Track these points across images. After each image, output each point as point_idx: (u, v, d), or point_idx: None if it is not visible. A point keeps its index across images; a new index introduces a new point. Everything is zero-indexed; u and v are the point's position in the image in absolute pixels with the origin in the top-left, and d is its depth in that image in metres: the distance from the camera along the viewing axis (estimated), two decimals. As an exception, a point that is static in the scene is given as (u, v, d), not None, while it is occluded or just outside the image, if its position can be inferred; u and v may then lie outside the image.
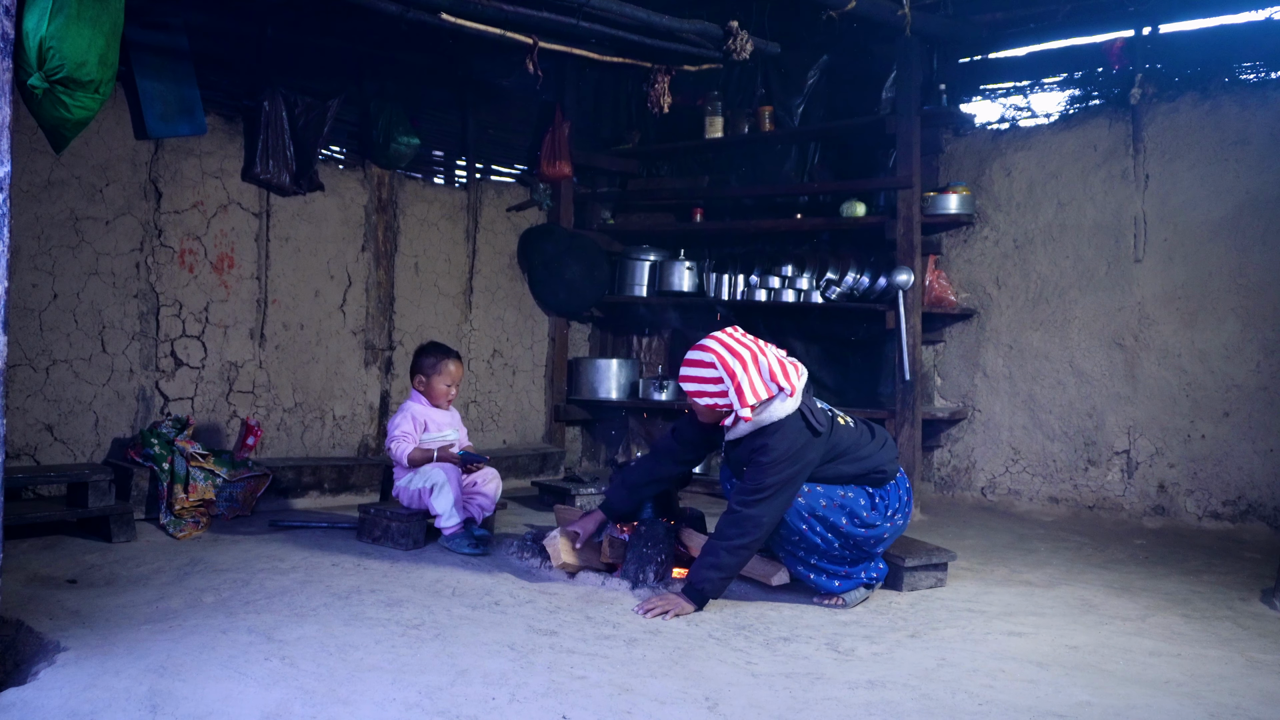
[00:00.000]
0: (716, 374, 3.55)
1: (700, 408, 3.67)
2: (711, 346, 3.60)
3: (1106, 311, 5.64)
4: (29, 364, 4.67)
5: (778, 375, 3.58)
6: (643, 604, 3.50)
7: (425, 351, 4.73)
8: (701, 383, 3.59)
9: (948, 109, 5.92)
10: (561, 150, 6.52)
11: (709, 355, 3.57)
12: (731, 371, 3.53)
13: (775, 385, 3.56)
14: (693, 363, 3.61)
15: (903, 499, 3.77)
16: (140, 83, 4.85)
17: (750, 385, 3.53)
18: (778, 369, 3.59)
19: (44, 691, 2.54)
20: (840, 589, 3.70)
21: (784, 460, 3.51)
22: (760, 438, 3.56)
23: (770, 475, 3.50)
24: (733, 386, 3.52)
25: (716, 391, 3.57)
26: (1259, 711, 2.68)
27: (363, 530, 4.53)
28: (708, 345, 3.61)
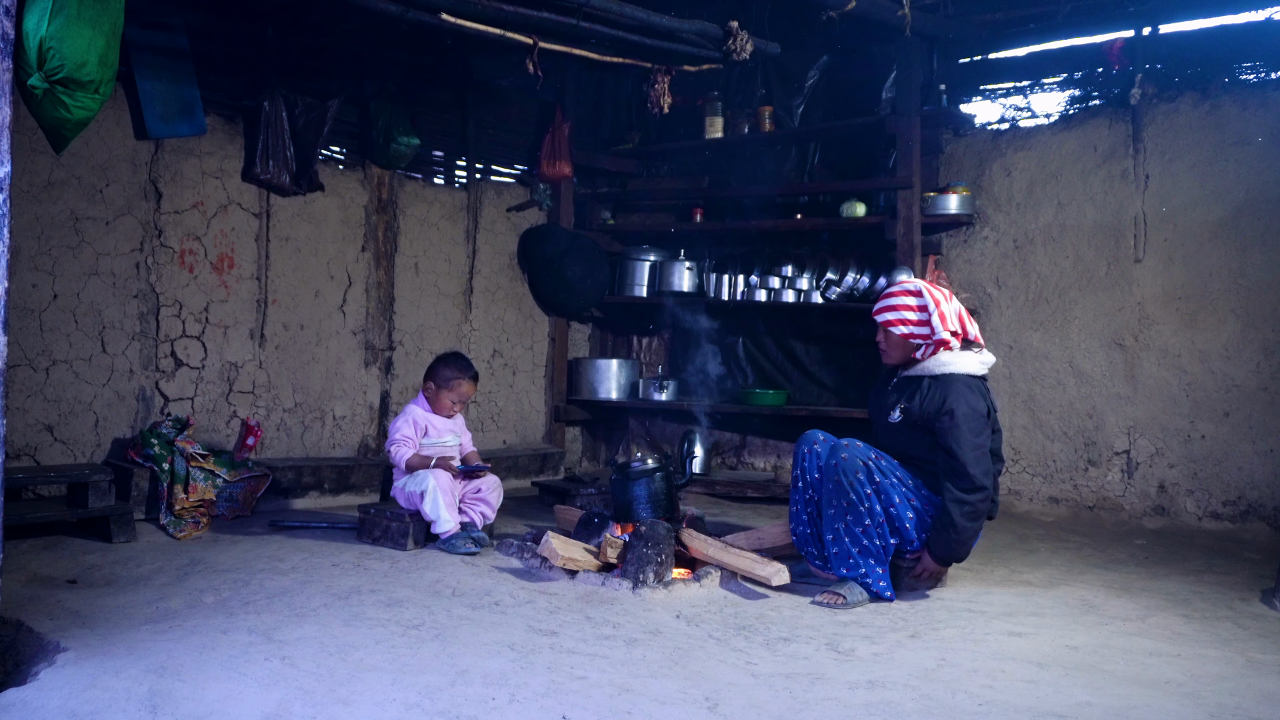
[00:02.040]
0: (920, 301, 3.79)
1: (896, 337, 3.84)
2: (912, 281, 3.92)
3: (1106, 311, 5.64)
4: (29, 364, 4.67)
5: (965, 321, 3.81)
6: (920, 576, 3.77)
7: (446, 363, 4.69)
8: (901, 310, 3.82)
9: (948, 109, 5.92)
10: (561, 150, 6.52)
11: (911, 285, 3.86)
12: (935, 299, 3.77)
13: (964, 328, 3.79)
14: (893, 293, 3.87)
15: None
16: (140, 83, 4.85)
17: (949, 315, 3.78)
18: (968, 320, 3.83)
19: (44, 691, 2.54)
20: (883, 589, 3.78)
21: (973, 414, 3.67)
22: (941, 391, 3.72)
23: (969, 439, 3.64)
24: (937, 313, 3.73)
25: (917, 320, 3.78)
26: (1259, 711, 2.68)
27: (363, 530, 4.53)
28: (908, 280, 3.94)
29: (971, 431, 3.65)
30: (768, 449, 6.75)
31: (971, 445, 3.65)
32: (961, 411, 3.66)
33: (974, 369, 3.80)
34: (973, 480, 3.63)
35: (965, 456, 3.62)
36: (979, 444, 3.67)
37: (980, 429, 3.69)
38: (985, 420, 3.72)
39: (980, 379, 3.82)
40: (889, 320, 3.84)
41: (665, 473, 4.22)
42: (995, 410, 3.84)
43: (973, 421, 3.67)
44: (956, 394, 3.69)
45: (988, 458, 3.70)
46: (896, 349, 3.88)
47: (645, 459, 4.37)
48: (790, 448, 6.66)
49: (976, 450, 3.66)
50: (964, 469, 3.62)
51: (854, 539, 3.73)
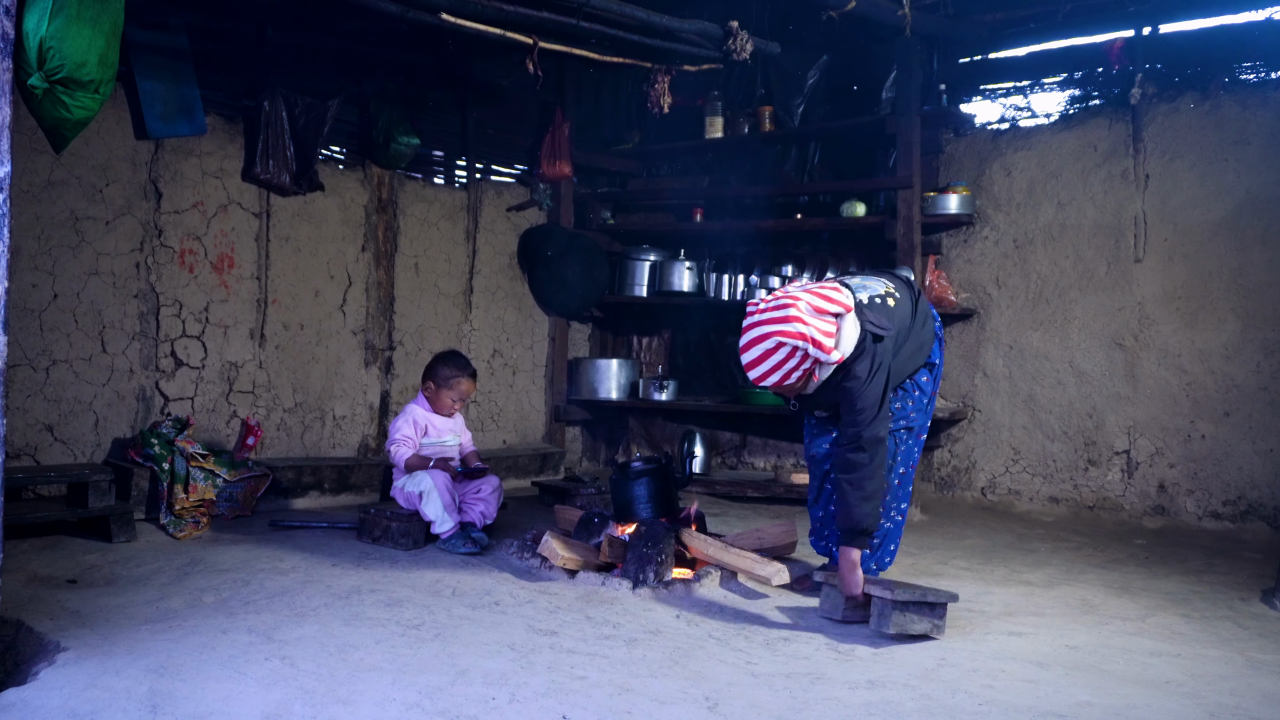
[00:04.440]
0: (788, 348, 3.40)
1: (792, 389, 3.56)
2: (764, 332, 3.43)
3: (1106, 311, 5.64)
4: (29, 364, 4.67)
5: (825, 307, 3.48)
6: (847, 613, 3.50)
7: (444, 361, 4.71)
8: (778, 369, 3.44)
9: (948, 109, 5.92)
10: (561, 150, 6.52)
11: (769, 342, 3.41)
12: (800, 335, 3.37)
13: (832, 317, 3.47)
14: (758, 360, 3.45)
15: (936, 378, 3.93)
16: (140, 83, 4.85)
17: (821, 332, 3.41)
18: (820, 301, 3.48)
19: (44, 691, 2.54)
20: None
21: (867, 377, 3.50)
22: (842, 372, 3.53)
23: (861, 400, 3.49)
24: (810, 345, 3.39)
25: (797, 365, 3.44)
26: (1259, 711, 2.68)
27: (363, 530, 4.53)
28: (760, 334, 3.45)
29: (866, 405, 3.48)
30: (768, 449, 6.75)
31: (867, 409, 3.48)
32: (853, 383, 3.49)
33: (854, 337, 3.50)
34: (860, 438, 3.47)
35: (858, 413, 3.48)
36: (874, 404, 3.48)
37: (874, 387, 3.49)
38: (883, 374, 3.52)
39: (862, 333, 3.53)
40: (774, 384, 3.49)
41: (665, 473, 4.22)
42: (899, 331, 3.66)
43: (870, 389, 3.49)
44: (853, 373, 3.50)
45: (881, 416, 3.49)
46: (799, 390, 3.59)
47: (645, 459, 4.37)
48: (790, 447, 6.66)
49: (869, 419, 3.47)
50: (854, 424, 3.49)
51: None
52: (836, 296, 3.51)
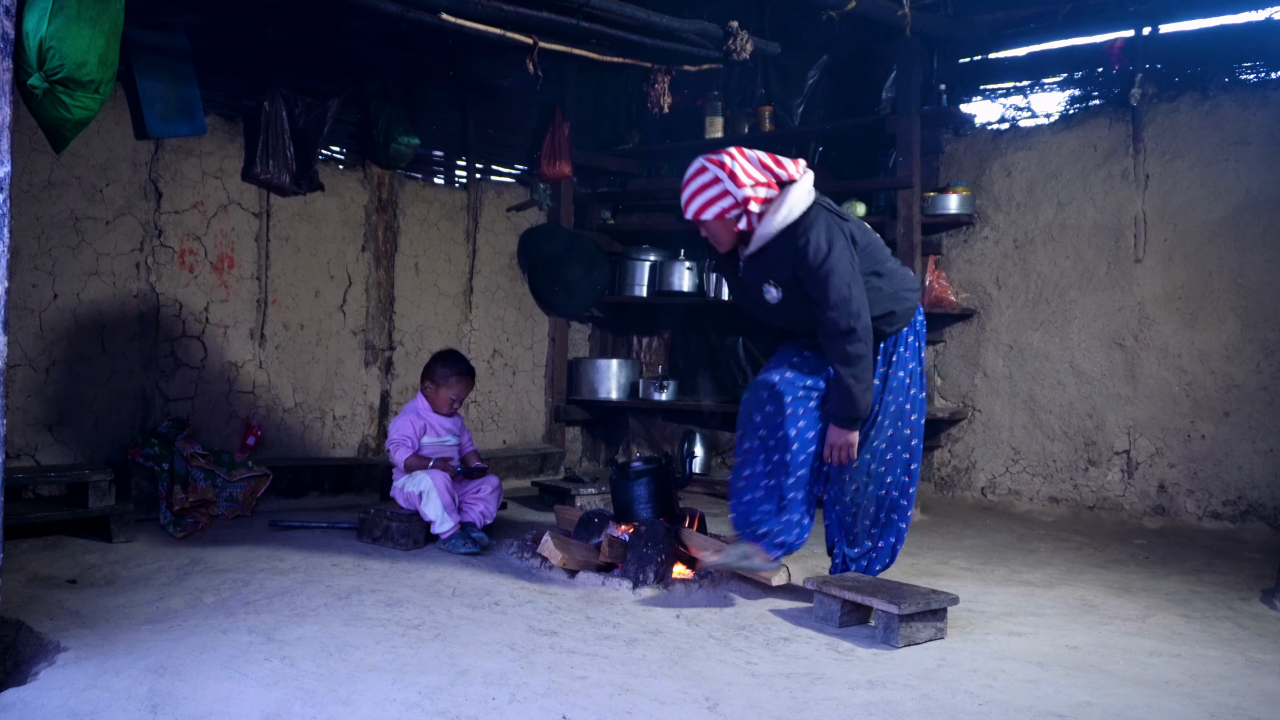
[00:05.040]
0: (709, 175, 3.44)
1: (713, 225, 3.52)
2: (700, 164, 3.53)
3: (1106, 311, 5.64)
4: (29, 364, 4.67)
5: (769, 164, 3.46)
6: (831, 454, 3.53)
7: (441, 360, 4.72)
8: (701, 193, 3.47)
9: (948, 109, 5.92)
10: (561, 150, 6.52)
11: (695, 166, 3.53)
12: (719, 163, 3.43)
13: (771, 174, 3.45)
14: (687, 184, 3.53)
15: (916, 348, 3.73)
16: (140, 83, 4.85)
17: (743, 169, 3.42)
18: (767, 158, 3.48)
19: (44, 691, 2.54)
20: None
21: (827, 250, 3.38)
22: (792, 239, 3.42)
23: (833, 277, 3.37)
24: (725, 174, 3.41)
25: (718, 194, 3.43)
26: (1259, 711, 2.68)
27: (363, 530, 4.53)
28: (697, 164, 3.55)
29: (838, 279, 3.37)
30: (768, 449, 6.74)
31: (841, 293, 3.37)
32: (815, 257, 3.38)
33: (804, 202, 3.45)
34: (843, 329, 3.38)
35: (832, 303, 3.37)
36: (848, 284, 3.37)
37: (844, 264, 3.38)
38: (847, 248, 3.41)
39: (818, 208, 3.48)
40: (696, 211, 3.50)
41: (665, 473, 4.22)
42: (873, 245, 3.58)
43: (828, 259, 3.37)
44: (803, 241, 3.40)
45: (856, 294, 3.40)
46: (722, 233, 3.55)
47: (645, 459, 4.37)
48: (790, 448, 6.65)
49: (845, 295, 3.37)
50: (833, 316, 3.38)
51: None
52: (788, 164, 3.50)
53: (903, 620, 3.18)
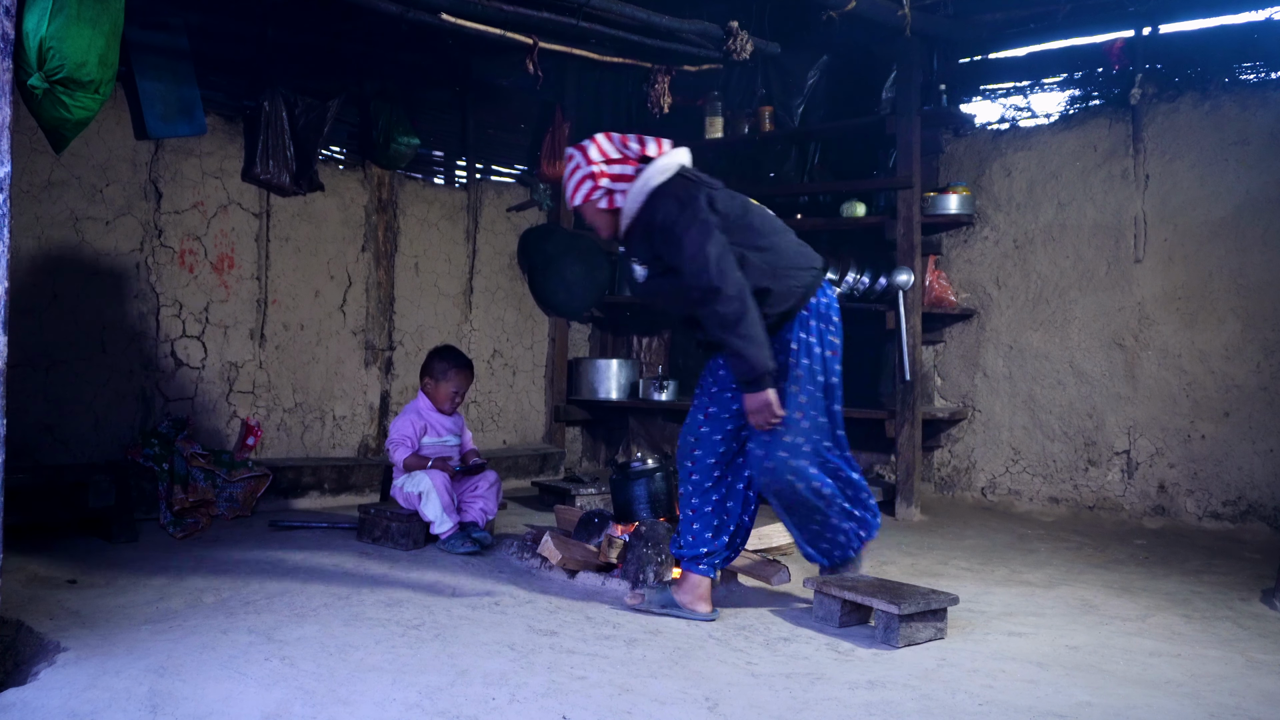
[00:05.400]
0: (573, 162, 3.47)
1: (586, 211, 3.53)
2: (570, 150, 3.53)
3: (1106, 311, 5.64)
4: (29, 364, 4.66)
5: (629, 143, 3.43)
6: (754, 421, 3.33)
7: (438, 355, 4.71)
8: (569, 180, 3.49)
9: (948, 109, 5.92)
10: (561, 150, 6.51)
11: (566, 154, 3.54)
12: (580, 147, 3.46)
13: (630, 152, 3.42)
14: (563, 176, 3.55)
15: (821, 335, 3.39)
16: (140, 83, 4.85)
17: (598, 149, 3.42)
18: (632, 139, 3.45)
19: (44, 691, 2.54)
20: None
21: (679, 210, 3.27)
22: (646, 215, 3.34)
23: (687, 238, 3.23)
24: (581, 156, 3.42)
25: (580, 177, 3.43)
26: (1259, 711, 2.68)
27: (363, 530, 4.53)
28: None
29: (690, 239, 3.24)
30: (768, 449, 6.74)
31: (693, 252, 3.23)
32: (665, 221, 3.29)
33: (661, 176, 3.36)
34: (705, 289, 3.22)
35: (688, 267, 3.24)
36: (701, 243, 3.22)
37: (697, 224, 3.25)
38: (704, 211, 3.28)
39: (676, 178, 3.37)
40: (569, 198, 3.52)
41: (665, 473, 4.22)
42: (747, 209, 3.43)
43: (678, 225, 3.26)
44: (655, 211, 3.32)
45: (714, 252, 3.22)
46: (596, 218, 3.53)
47: (645, 459, 4.37)
48: (790, 448, 6.64)
49: (699, 254, 3.22)
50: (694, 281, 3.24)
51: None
52: (651, 143, 3.47)
53: (903, 620, 3.18)
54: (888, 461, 6.22)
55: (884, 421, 5.73)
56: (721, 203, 3.38)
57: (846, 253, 6.32)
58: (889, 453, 6.07)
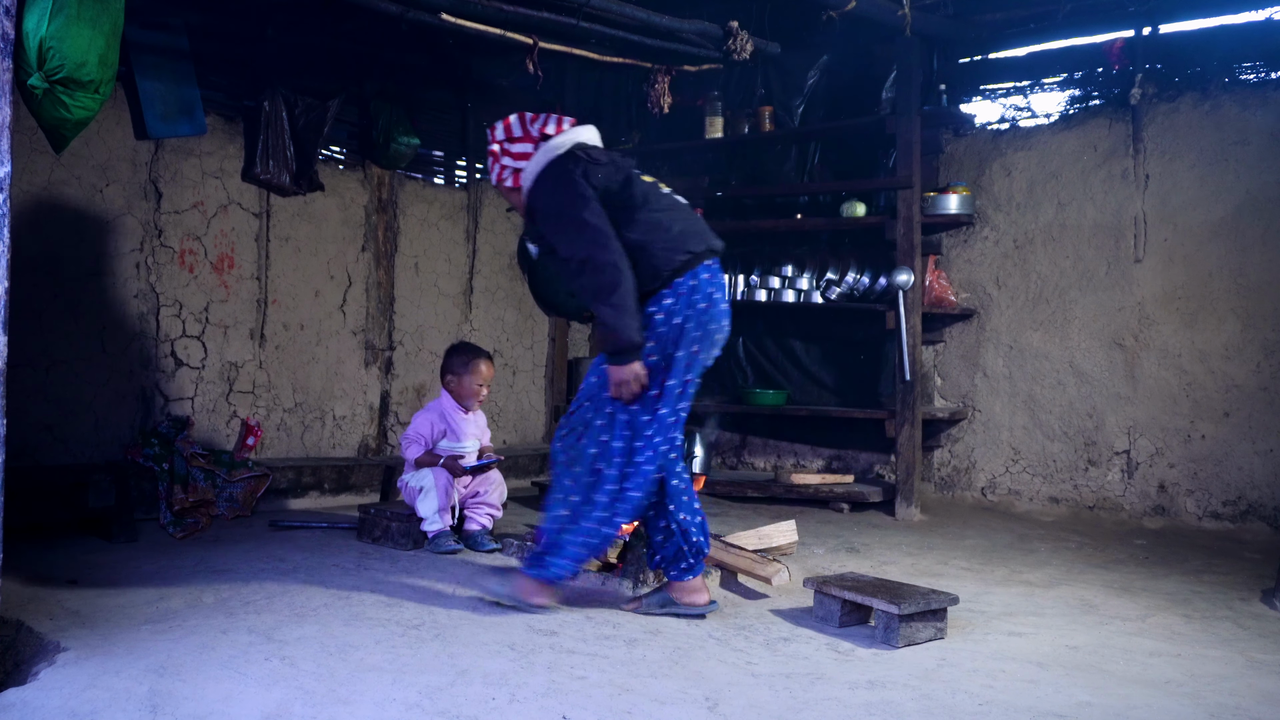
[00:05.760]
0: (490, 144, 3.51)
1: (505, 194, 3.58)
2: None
3: (1106, 311, 5.64)
4: (29, 364, 4.66)
5: (535, 122, 3.45)
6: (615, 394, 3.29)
7: (456, 351, 4.67)
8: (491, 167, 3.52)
9: (948, 109, 5.92)
10: (561, 150, 6.51)
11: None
12: (491, 127, 3.50)
13: (533, 130, 3.45)
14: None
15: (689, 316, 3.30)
16: (140, 83, 4.85)
17: (503, 129, 3.46)
18: (537, 119, 3.47)
19: (44, 691, 2.54)
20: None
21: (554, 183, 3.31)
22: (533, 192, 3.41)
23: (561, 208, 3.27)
24: (490, 135, 3.47)
25: (490, 160, 3.49)
26: (1259, 711, 2.68)
27: (363, 530, 4.53)
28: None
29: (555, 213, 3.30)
30: (768, 449, 6.75)
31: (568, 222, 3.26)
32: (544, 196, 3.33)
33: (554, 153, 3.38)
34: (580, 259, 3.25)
35: (565, 238, 3.28)
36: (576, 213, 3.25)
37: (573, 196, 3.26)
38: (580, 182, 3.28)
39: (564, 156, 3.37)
40: (502, 193, 3.57)
41: (665, 473, 4.21)
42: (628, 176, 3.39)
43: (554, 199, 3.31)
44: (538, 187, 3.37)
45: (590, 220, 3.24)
46: (512, 199, 3.58)
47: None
48: (791, 448, 6.66)
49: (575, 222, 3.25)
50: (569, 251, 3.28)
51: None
52: (554, 123, 3.48)
53: (903, 620, 3.18)
54: (888, 461, 6.22)
55: (884, 421, 5.74)
56: (602, 177, 3.37)
57: (846, 253, 6.33)
58: (889, 453, 6.07)
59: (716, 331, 3.40)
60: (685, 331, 3.31)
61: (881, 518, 5.59)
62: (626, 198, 3.35)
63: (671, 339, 3.31)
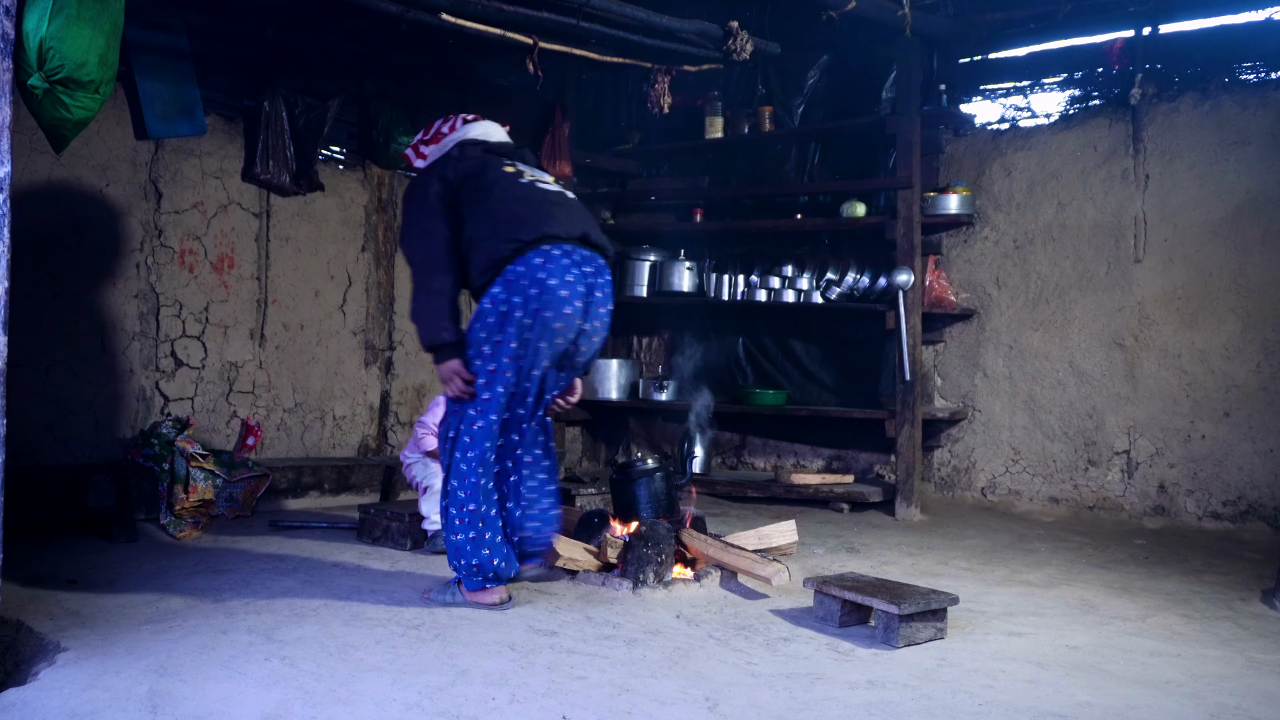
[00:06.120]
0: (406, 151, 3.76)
1: None
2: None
3: (1106, 311, 5.64)
4: (29, 364, 4.66)
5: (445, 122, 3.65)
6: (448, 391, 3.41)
7: None
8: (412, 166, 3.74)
9: (948, 109, 5.92)
10: (561, 150, 6.51)
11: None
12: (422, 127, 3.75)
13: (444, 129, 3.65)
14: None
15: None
16: (140, 83, 4.84)
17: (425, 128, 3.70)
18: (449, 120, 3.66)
19: (44, 691, 2.54)
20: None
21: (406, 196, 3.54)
22: None
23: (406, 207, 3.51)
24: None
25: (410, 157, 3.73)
26: (1259, 711, 2.68)
27: (363, 530, 4.53)
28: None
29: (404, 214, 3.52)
30: (768, 449, 6.75)
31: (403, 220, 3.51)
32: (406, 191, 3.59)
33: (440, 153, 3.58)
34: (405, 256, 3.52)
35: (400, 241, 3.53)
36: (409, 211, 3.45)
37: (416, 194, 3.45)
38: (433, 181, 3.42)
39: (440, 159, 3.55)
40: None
41: (665, 473, 4.23)
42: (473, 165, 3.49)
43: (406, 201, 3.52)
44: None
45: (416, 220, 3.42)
46: None
47: (645, 459, 4.36)
48: (791, 448, 6.66)
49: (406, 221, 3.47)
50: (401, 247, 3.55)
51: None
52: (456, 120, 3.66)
53: (903, 620, 3.18)
54: (888, 461, 6.22)
55: (884, 421, 5.74)
56: (456, 168, 3.46)
57: (846, 253, 6.33)
58: (889, 453, 6.07)
59: (554, 319, 3.35)
60: (513, 319, 3.33)
61: (881, 518, 5.59)
62: (475, 191, 3.43)
63: (499, 327, 3.34)
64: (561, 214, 3.47)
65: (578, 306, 3.37)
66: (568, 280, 3.35)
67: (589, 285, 3.41)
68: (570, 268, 3.38)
